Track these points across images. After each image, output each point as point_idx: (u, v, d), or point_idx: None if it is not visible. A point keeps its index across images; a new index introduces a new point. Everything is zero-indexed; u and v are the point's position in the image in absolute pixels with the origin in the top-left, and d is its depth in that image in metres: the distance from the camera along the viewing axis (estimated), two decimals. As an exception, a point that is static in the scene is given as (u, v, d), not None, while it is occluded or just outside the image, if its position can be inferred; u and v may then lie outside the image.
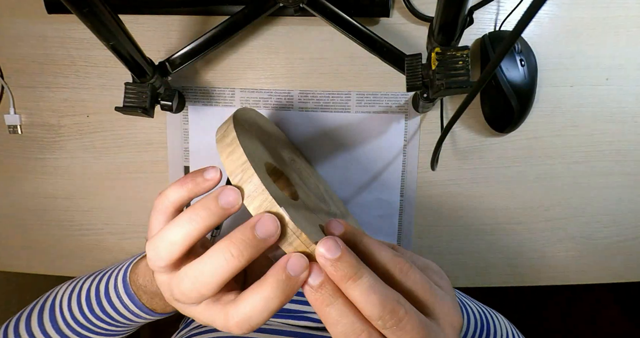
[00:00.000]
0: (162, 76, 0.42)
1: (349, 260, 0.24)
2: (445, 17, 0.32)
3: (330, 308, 0.23)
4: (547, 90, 0.48)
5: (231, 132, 0.27)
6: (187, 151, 0.49)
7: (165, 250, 0.25)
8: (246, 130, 0.30)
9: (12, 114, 0.49)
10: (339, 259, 0.23)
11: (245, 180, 0.25)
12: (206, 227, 0.25)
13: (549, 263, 0.52)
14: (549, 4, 0.46)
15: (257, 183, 0.25)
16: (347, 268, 0.23)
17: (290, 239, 0.25)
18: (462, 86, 0.35)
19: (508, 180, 0.50)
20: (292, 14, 0.45)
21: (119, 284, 0.39)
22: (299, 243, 0.24)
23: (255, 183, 0.25)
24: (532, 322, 1.18)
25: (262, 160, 0.29)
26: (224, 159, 0.26)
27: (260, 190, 0.25)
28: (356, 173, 0.49)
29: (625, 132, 0.49)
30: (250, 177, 0.25)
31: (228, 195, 0.25)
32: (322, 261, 0.24)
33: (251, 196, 0.25)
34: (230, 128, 0.28)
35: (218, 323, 0.25)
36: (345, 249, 0.24)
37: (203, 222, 0.25)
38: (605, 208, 0.51)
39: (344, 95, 0.48)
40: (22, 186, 0.51)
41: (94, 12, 0.30)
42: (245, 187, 0.25)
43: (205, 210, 0.25)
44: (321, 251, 0.24)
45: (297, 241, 0.24)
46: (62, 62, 0.48)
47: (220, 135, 0.28)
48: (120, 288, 0.38)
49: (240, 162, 0.25)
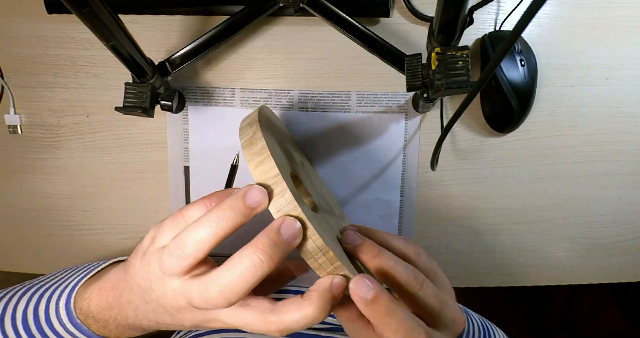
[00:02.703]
0: (162, 76, 0.42)
1: (384, 303, 0.25)
2: (445, 17, 0.32)
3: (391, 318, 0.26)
4: (547, 90, 0.48)
5: (260, 140, 0.27)
6: (187, 151, 0.49)
7: (193, 248, 0.25)
8: (269, 134, 0.30)
9: (12, 114, 0.49)
10: (373, 300, 0.25)
11: (277, 194, 0.25)
12: (233, 226, 0.25)
13: (549, 263, 0.52)
14: (549, 4, 0.46)
15: (290, 199, 0.25)
16: (382, 310, 0.25)
17: (317, 256, 0.25)
18: (462, 86, 0.35)
19: (508, 180, 0.50)
20: (292, 14, 0.45)
21: (62, 312, 0.33)
22: (324, 260, 0.25)
23: (287, 198, 0.25)
24: (532, 322, 1.18)
25: (287, 171, 0.29)
26: (252, 168, 0.26)
27: (293, 207, 0.25)
28: (356, 173, 0.49)
29: (625, 132, 0.49)
30: (282, 192, 0.25)
31: (255, 195, 0.25)
32: (358, 300, 0.25)
33: (282, 211, 0.25)
34: (258, 134, 0.27)
35: (255, 326, 0.26)
36: (380, 291, 0.25)
37: (231, 221, 0.25)
38: (605, 208, 0.51)
39: (344, 95, 0.48)
40: (22, 186, 0.51)
41: (94, 12, 0.30)
42: (277, 201, 0.25)
43: (232, 209, 0.25)
44: (357, 292, 0.25)
45: (323, 258, 0.25)
46: (62, 62, 0.48)
47: (246, 141, 0.27)
48: (63, 317, 0.33)
49: (271, 175, 0.25)
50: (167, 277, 0.27)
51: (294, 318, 0.25)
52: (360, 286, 0.25)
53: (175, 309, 0.28)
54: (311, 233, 0.25)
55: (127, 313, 0.31)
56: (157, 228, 0.30)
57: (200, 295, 0.25)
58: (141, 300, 0.29)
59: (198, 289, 0.25)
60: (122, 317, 0.31)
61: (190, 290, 0.26)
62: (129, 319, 0.31)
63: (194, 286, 0.26)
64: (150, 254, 0.28)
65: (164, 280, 0.27)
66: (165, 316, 0.29)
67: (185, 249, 0.26)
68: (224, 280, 0.25)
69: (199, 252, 0.26)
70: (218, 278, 0.25)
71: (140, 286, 0.29)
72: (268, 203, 0.26)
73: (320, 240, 0.25)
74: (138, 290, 0.29)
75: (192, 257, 0.26)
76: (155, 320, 0.30)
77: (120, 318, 0.31)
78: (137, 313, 0.30)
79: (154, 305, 0.29)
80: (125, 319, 0.31)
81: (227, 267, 0.25)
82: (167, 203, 0.51)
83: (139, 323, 0.31)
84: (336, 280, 0.26)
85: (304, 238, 0.25)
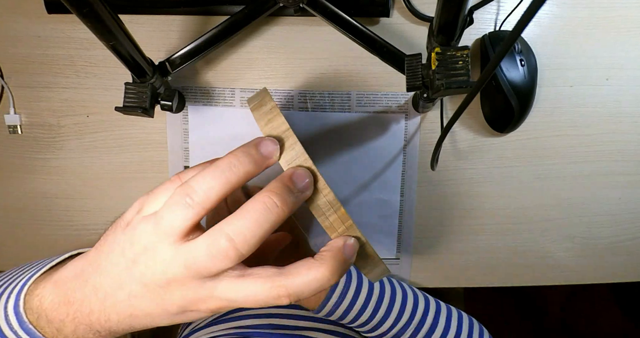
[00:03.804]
0: (162, 76, 0.42)
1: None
2: (445, 17, 0.32)
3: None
4: (547, 90, 0.48)
5: (270, 101, 0.27)
6: (187, 151, 0.49)
7: (203, 196, 0.23)
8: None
9: (12, 114, 0.49)
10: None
11: (288, 147, 0.25)
12: (245, 175, 0.24)
13: (549, 263, 0.52)
14: (549, 4, 0.46)
15: (300, 150, 0.25)
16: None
17: (328, 213, 0.25)
18: (462, 86, 0.35)
19: (508, 180, 0.50)
20: (292, 14, 0.45)
21: (11, 316, 0.27)
22: (336, 218, 0.25)
23: (298, 150, 0.25)
24: (532, 322, 1.18)
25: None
26: (262, 125, 0.26)
27: (304, 159, 0.25)
28: (356, 173, 0.49)
29: (625, 132, 0.49)
30: (293, 144, 0.25)
31: (268, 145, 0.24)
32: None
33: (293, 163, 0.25)
34: (267, 98, 0.27)
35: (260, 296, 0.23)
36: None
37: (243, 168, 0.23)
38: (605, 208, 0.51)
39: (344, 95, 0.48)
40: (22, 186, 0.51)
41: (94, 12, 0.30)
42: (287, 154, 0.25)
43: (246, 155, 0.24)
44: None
45: (334, 215, 0.25)
46: (62, 62, 0.48)
47: (256, 104, 0.27)
48: (13, 321, 0.27)
49: (281, 130, 0.25)
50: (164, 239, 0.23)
51: (306, 281, 0.23)
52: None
53: (162, 285, 0.24)
54: (322, 187, 0.25)
55: (91, 306, 0.25)
56: (145, 196, 0.26)
57: (206, 250, 0.22)
58: (115, 283, 0.24)
59: (204, 243, 0.22)
60: (84, 313, 0.25)
61: (193, 249, 0.23)
62: (92, 315, 0.25)
63: (197, 243, 0.23)
64: (136, 223, 0.25)
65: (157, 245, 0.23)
66: (145, 300, 0.24)
67: (194, 196, 0.23)
68: (234, 227, 0.22)
69: (209, 200, 0.23)
70: (228, 226, 0.22)
71: (118, 264, 0.24)
72: (279, 155, 0.25)
73: (331, 194, 0.25)
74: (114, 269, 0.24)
75: (202, 206, 0.23)
76: (128, 311, 0.25)
77: (80, 315, 0.25)
78: (106, 305, 0.25)
79: (133, 286, 0.24)
80: (87, 316, 0.25)
81: (238, 214, 0.23)
82: (167, 203, 0.51)
83: (105, 320, 0.25)
84: (349, 241, 0.24)
85: (315, 192, 0.25)
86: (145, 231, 0.24)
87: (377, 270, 0.28)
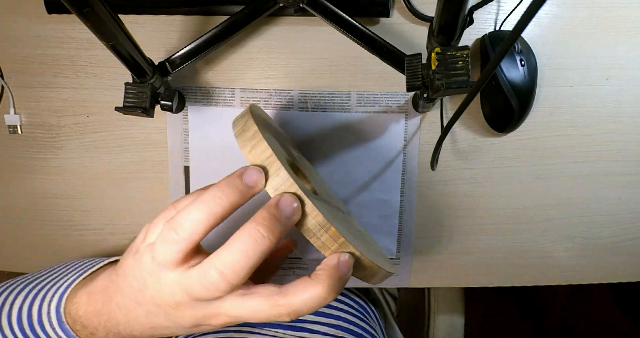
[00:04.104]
0: (162, 76, 0.42)
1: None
2: (445, 17, 0.32)
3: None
4: (547, 90, 0.48)
5: (252, 126, 0.27)
6: (187, 151, 0.49)
7: (188, 229, 0.24)
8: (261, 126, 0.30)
9: (12, 114, 0.49)
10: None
11: (272, 174, 0.25)
12: (230, 206, 0.24)
13: (549, 263, 0.52)
14: (549, 4, 0.46)
15: (285, 176, 0.25)
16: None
17: (319, 233, 0.25)
18: (462, 86, 0.35)
19: (508, 180, 0.50)
20: (292, 14, 0.45)
21: (52, 316, 0.32)
22: (327, 238, 0.25)
23: (283, 176, 0.25)
24: (532, 322, 1.18)
25: (282, 155, 0.29)
26: (246, 152, 0.26)
27: (289, 184, 0.25)
28: (356, 173, 0.49)
29: (625, 132, 0.49)
30: (277, 171, 0.25)
31: (252, 174, 0.25)
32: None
33: (279, 190, 0.25)
34: (250, 122, 0.27)
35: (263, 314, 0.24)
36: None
37: (228, 200, 0.24)
38: (605, 208, 0.51)
39: (344, 95, 0.48)
40: (22, 186, 0.51)
41: (94, 12, 0.30)
42: (273, 181, 0.25)
43: (230, 187, 0.24)
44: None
45: (326, 235, 0.25)
46: (62, 62, 0.48)
47: (239, 129, 0.27)
48: (53, 320, 0.32)
49: (265, 156, 0.25)
50: (162, 269, 0.25)
51: (303, 300, 0.24)
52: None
53: (172, 306, 0.26)
54: (310, 210, 0.24)
55: (117, 319, 0.28)
56: (149, 225, 0.28)
57: (199, 282, 0.24)
58: (133, 302, 0.28)
59: (197, 276, 0.24)
60: (112, 323, 0.29)
61: (189, 279, 0.24)
62: (119, 326, 0.29)
63: (192, 274, 0.24)
64: (142, 251, 0.27)
65: (159, 273, 0.25)
66: (161, 318, 0.27)
67: (180, 231, 0.24)
68: (224, 261, 0.23)
69: (195, 234, 0.24)
70: (218, 259, 0.23)
71: (133, 286, 0.27)
72: (265, 183, 0.25)
73: (320, 216, 0.24)
74: (130, 291, 0.27)
75: (188, 240, 0.24)
76: (148, 324, 0.28)
77: (109, 325, 0.29)
78: (129, 319, 0.28)
79: (148, 306, 0.27)
80: (115, 326, 0.29)
81: (227, 247, 0.24)
82: (167, 203, 0.50)
83: (130, 331, 0.29)
84: (343, 257, 0.25)
85: (303, 215, 0.25)
86: (147, 260, 0.26)
87: (379, 276, 0.28)
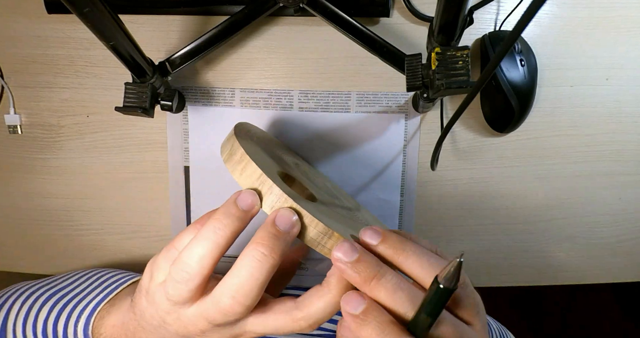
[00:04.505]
0: (162, 76, 0.42)
1: (368, 260, 0.24)
2: (445, 17, 0.32)
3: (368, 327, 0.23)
4: (547, 90, 0.48)
5: (238, 149, 0.27)
6: (187, 151, 0.49)
7: (197, 266, 0.24)
8: (249, 143, 0.30)
9: (12, 114, 0.49)
10: (357, 261, 0.24)
11: (266, 193, 0.25)
12: (232, 233, 0.25)
13: (549, 263, 0.52)
14: (549, 4, 0.46)
15: (279, 193, 0.25)
16: (368, 269, 0.24)
17: (323, 241, 0.25)
18: (462, 86, 0.35)
19: (508, 180, 0.50)
20: (292, 14, 0.45)
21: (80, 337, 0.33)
22: (332, 243, 0.25)
23: (276, 193, 0.25)
24: (532, 322, 1.18)
25: (274, 170, 0.29)
26: (237, 176, 0.26)
27: (283, 200, 0.25)
28: (356, 173, 0.49)
29: (625, 132, 0.49)
30: (270, 189, 0.25)
31: (246, 198, 0.25)
32: (342, 266, 0.24)
33: (275, 207, 0.25)
34: (235, 144, 0.27)
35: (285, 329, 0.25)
36: (363, 251, 0.24)
37: (228, 229, 0.24)
38: (605, 208, 0.51)
39: (344, 95, 0.48)
40: (22, 186, 0.51)
41: (94, 12, 0.30)
42: (268, 199, 0.25)
43: (227, 216, 0.25)
44: (338, 255, 0.24)
45: (330, 241, 0.25)
46: (62, 62, 0.48)
47: (227, 155, 0.28)
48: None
49: (255, 177, 0.25)
50: (180, 307, 0.26)
51: (319, 308, 0.24)
52: (343, 249, 0.24)
53: (198, 333, 0.26)
54: (309, 221, 0.25)
55: None
56: (152, 263, 0.28)
57: (216, 310, 0.24)
58: (157, 336, 0.28)
59: (211, 305, 0.25)
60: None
61: (206, 310, 0.25)
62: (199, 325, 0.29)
63: (207, 304, 0.25)
64: (153, 292, 0.27)
65: (178, 311, 0.26)
66: None
67: (189, 269, 0.24)
68: (233, 286, 0.24)
69: (204, 269, 0.24)
70: (226, 286, 0.24)
71: (152, 324, 0.28)
72: (260, 203, 0.25)
73: (320, 224, 0.24)
74: (151, 328, 0.28)
75: (198, 276, 0.24)
76: None
77: None
78: None
79: (174, 337, 0.27)
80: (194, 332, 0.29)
81: (232, 272, 0.24)
82: (167, 203, 0.51)
83: None
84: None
85: (303, 227, 0.25)
86: (162, 300, 0.26)
87: None
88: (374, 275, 0.23)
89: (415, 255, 0.25)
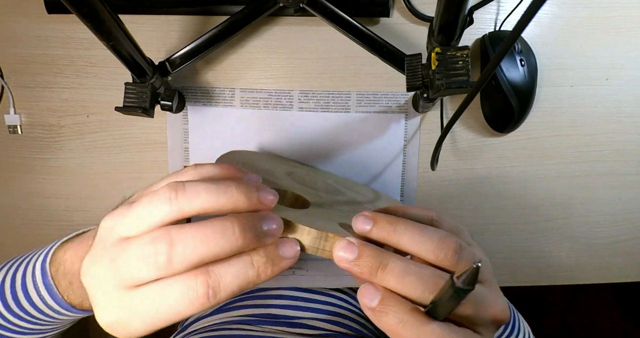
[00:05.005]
0: (162, 76, 0.42)
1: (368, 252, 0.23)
2: (445, 17, 0.32)
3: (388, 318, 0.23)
4: (547, 90, 0.48)
5: None
6: (187, 151, 0.49)
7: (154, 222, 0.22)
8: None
9: (12, 114, 0.49)
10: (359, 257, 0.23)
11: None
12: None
13: (549, 263, 0.52)
14: (549, 4, 0.46)
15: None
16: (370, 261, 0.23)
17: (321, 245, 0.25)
18: (462, 86, 0.35)
19: (508, 180, 0.50)
20: (292, 14, 0.45)
21: (37, 272, 0.31)
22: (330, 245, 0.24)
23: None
24: (532, 322, 1.18)
25: None
26: None
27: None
28: (356, 173, 0.49)
29: (625, 132, 0.49)
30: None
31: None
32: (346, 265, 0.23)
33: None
34: None
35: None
36: (361, 244, 0.24)
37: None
38: (605, 208, 0.51)
39: (344, 95, 0.48)
40: (22, 186, 0.51)
41: (94, 12, 0.30)
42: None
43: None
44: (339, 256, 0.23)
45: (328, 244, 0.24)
46: (62, 62, 0.48)
47: None
48: (37, 276, 0.31)
49: None
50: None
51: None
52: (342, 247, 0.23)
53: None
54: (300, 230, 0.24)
55: None
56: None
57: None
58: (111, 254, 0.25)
59: None
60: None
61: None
62: None
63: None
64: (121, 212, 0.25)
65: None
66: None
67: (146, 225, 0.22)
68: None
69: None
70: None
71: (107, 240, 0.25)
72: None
73: (313, 230, 0.24)
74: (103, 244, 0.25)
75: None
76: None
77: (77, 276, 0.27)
78: None
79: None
80: None
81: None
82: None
83: None
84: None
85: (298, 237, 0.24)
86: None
87: None
88: (377, 265, 0.23)
89: (407, 232, 0.24)
